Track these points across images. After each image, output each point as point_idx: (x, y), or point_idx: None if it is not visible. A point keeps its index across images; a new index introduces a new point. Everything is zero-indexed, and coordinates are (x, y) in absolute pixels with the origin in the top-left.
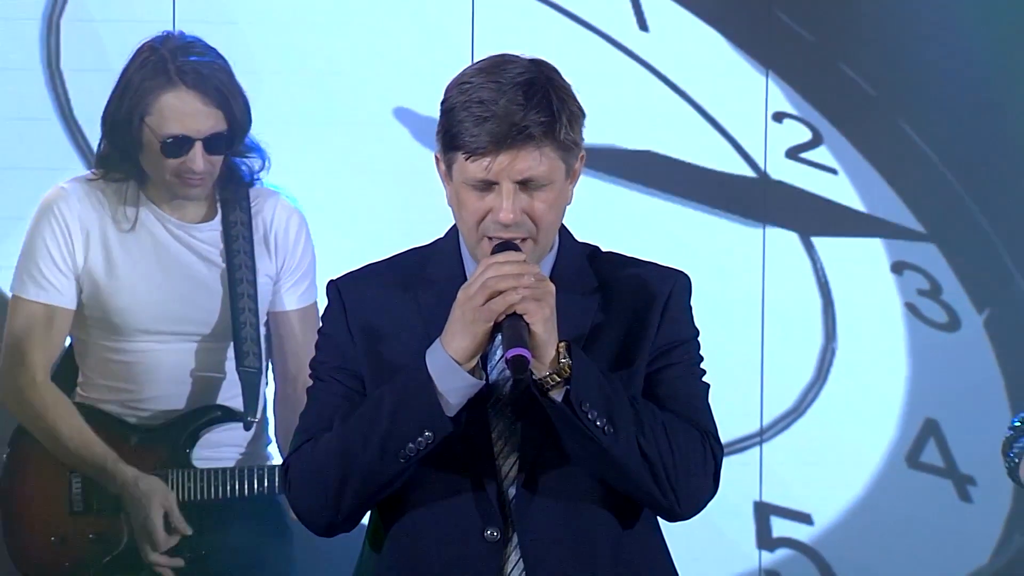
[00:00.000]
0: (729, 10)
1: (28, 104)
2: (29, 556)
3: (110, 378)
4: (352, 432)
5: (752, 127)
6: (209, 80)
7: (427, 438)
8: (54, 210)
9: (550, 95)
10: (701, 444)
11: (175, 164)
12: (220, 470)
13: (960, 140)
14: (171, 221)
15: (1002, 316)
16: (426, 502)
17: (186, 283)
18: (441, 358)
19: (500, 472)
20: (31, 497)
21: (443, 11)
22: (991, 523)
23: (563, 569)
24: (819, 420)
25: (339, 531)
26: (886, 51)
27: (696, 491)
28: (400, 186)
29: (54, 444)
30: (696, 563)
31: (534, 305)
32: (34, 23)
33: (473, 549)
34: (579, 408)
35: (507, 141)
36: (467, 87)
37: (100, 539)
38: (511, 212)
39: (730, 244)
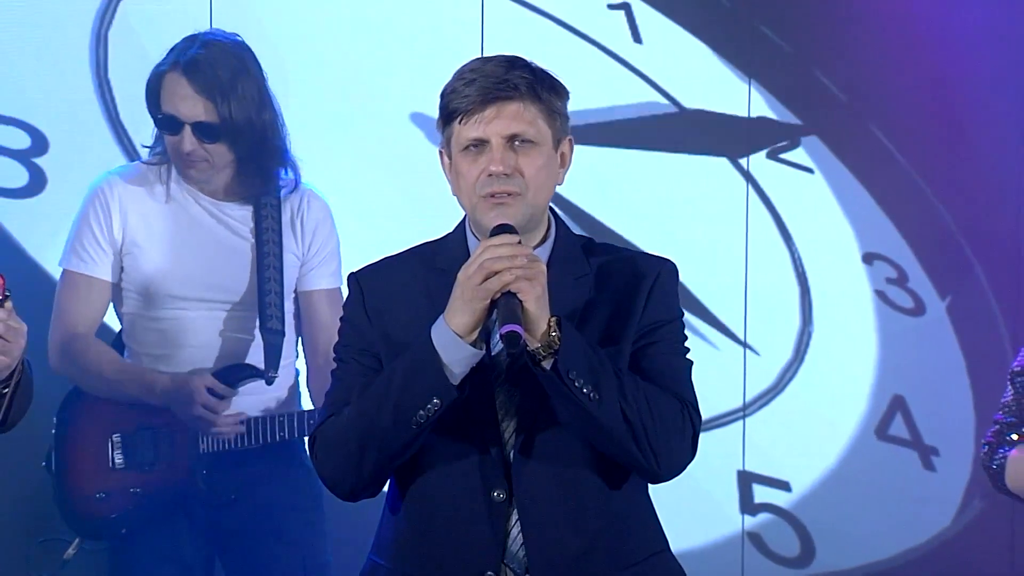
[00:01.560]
0: (715, 24)
1: (79, 109)
2: (78, 512)
3: (149, 346)
4: (368, 403)
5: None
6: (205, 72)
7: (435, 405)
8: (97, 194)
9: (530, 65)
10: (680, 413)
11: (173, 143)
12: (248, 419)
13: (924, 142)
14: (204, 199)
15: (963, 302)
16: (438, 467)
17: (217, 254)
18: (444, 332)
19: (503, 438)
20: (78, 460)
21: (455, 26)
22: (953, 490)
23: (557, 526)
24: (797, 397)
25: (362, 496)
26: (857, 61)
27: (674, 455)
28: (415, 183)
29: (98, 381)
30: (685, 526)
31: (526, 284)
32: (85, 36)
33: (481, 509)
34: (566, 376)
35: (492, 94)
36: (459, 71)
37: (141, 492)
38: (500, 163)
39: (717, 238)
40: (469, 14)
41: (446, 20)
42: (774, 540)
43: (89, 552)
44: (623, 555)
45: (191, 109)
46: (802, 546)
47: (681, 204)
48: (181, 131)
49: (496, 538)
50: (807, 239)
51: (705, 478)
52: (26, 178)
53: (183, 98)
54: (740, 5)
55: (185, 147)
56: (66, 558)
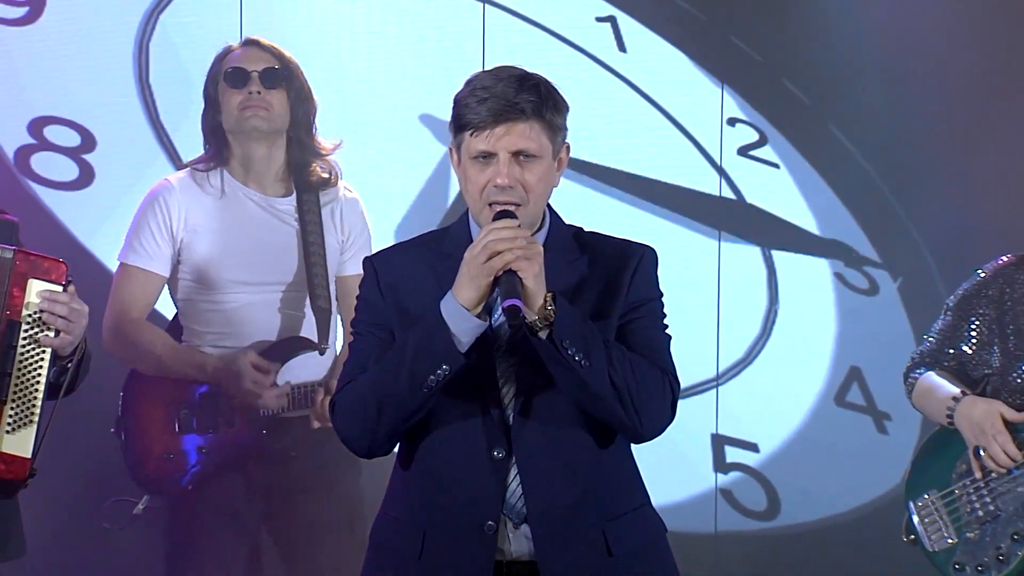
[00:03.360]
0: (692, 35)
1: (124, 111)
2: (147, 471)
3: (211, 326)
4: (385, 370)
5: (710, 130)
6: (261, 42)
7: (444, 371)
8: (158, 197)
9: (539, 85)
10: (661, 379)
11: (239, 98)
12: (300, 386)
13: (878, 140)
14: (254, 195)
15: (912, 283)
16: (444, 429)
17: (269, 242)
18: (452, 306)
19: (503, 402)
20: (145, 425)
21: (460, 37)
22: (903, 451)
23: (552, 481)
24: (764, 368)
25: (377, 454)
26: (819, 69)
27: (656, 417)
28: (423, 177)
29: (152, 360)
30: (665, 483)
31: (525, 263)
32: (128, 46)
33: (483, 465)
34: (561, 345)
35: (503, 115)
36: (472, 83)
37: (205, 452)
38: (507, 177)
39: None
40: (472, 27)
41: (452, 32)
42: (744, 496)
43: (155, 508)
44: (610, 507)
45: (256, 62)
46: (769, 501)
47: (663, 197)
48: (248, 80)
49: (497, 492)
50: (774, 227)
51: (682, 440)
52: (76, 173)
53: (248, 56)
54: (714, 18)
55: (252, 88)
56: (135, 513)
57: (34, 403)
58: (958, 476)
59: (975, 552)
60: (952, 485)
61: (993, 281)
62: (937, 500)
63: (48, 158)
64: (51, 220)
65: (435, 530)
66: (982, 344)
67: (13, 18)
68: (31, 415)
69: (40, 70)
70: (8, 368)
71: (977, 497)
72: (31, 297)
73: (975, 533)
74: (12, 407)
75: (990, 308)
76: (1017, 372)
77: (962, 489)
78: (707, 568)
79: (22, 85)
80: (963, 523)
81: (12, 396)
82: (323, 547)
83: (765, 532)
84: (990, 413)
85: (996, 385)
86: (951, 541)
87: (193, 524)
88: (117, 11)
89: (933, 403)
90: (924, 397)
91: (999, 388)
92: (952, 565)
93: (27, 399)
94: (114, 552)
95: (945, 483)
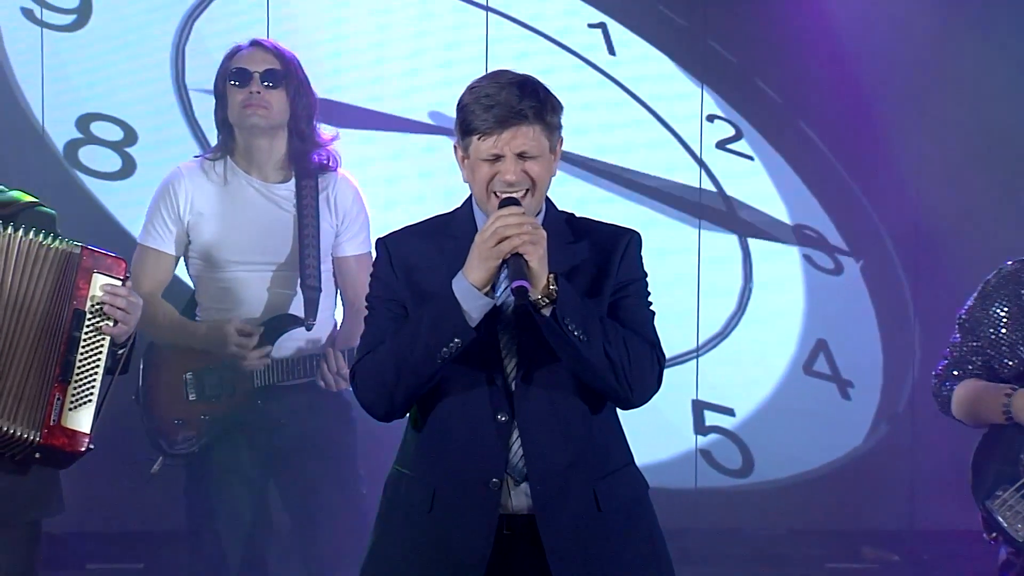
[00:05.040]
0: (675, 40)
1: (162, 108)
2: (161, 433)
3: (214, 300)
4: (402, 341)
5: (691, 125)
6: (265, 43)
7: (456, 343)
8: (168, 183)
9: (538, 90)
10: (650, 353)
11: (241, 96)
12: (290, 358)
13: (841, 134)
14: (255, 182)
15: (873, 264)
16: (453, 395)
17: (266, 226)
18: (463, 285)
19: (506, 371)
20: (159, 392)
21: (464, 41)
22: (864, 415)
23: (550, 444)
24: (740, 340)
25: (393, 418)
26: (789, 70)
27: (645, 386)
28: (431, 168)
29: (158, 330)
30: (649, 444)
31: (531, 247)
32: (166, 49)
33: (488, 428)
34: (562, 322)
35: (508, 121)
36: (475, 89)
37: (209, 418)
38: (513, 174)
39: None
40: (475, 32)
41: (457, 37)
42: (721, 455)
43: (170, 467)
44: (600, 466)
45: (259, 62)
46: (744, 460)
47: (650, 188)
48: (250, 80)
49: (500, 452)
50: (749, 213)
51: (665, 406)
52: (119, 164)
53: (251, 57)
54: (695, 25)
55: (253, 88)
56: (152, 472)
57: (93, 384)
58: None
59: None
60: (1023, 477)
61: (1006, 286)
62: (1012, 494)
63: (94, 151)
64: (96, 206)
65: (444, 486)
66: (1008, 341)
67: (63, 25)
68: (90, 395)
69: (87, 71)
70: (73, 354)
71: None
72: (95, 290)
73: None
74: (74, 387)
75: (1008, 307)
76: None
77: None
78: (688, 521)
79: (71, 85)
80: None
81: (75, 378)
82: (322, 500)
83: (740, 488)
84: None
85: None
86: None
87: (206, 482)
88: (156, 18)
89: (983, 406)
90: (969, 404)
91: None
92: None
93: (87, 381)
94: (138, 506)
95: (1015, 477)
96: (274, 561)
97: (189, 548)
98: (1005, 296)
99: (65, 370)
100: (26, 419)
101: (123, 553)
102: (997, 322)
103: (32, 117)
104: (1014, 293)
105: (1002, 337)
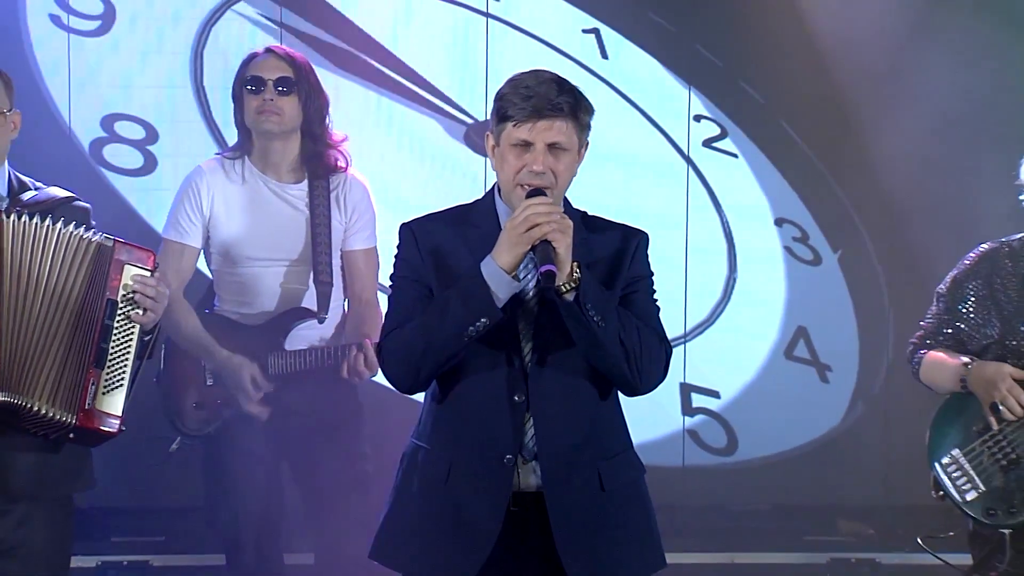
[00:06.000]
0: (664, 44)
1: (182, 109)
2: (180, 415)
3: (231, 294)
4: (431, 319)
5: (679, 125)
6: (278, 51)
7: (483, 323)
8: (191, 180)
9: (574, 90)
10: (659, 344)
11: (256, 103)
12: (302, 350)
13: (821, 133)
14: (272, 182)
15: (850, 255)
16: (473, 375)
17: (280, 223)
18: (492, 268)
19: (523, 354)
20: (180, 377)
21: (466, 46)
22: (841, 397)
23: (561, 425)
24: (725, 327)
25: (416, 391)
26: (771, 73)
27: (653, 375)
28: (435, 166)
29: (177, 333)
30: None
31: (559, 235)
32: (186, 53)
33: (504, 407)
34: (584, 307)
35: (545, 112)
36: (515, 81)
37: (226, 402)
38: (542, 164)
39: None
40: (476, 37)
41: (459, 42)
42: (707, 435)
43: (188, 447)
44: (604, 448)
45: (272, 70)
46: (728, 439)
47: (639, 181)
48: (264, 87)
49: (515, 430)
50: (733, 207)
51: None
52: (141, 161)
53: (264, 65)
54: (683, 31)
55: (267, 95)
56: (171, 451)
57: (124, 369)
58: (977, 433)
59: (1004, 496)
60: (972, 442)
61: (980, 265)
62: (961, 457)
63: (118, 149)
64: (120, 200)
65: (460, 460)
66: (978, 319)
67: (89, 30)
68: (121, 379)
69: (111, 74)
70: (107, 341)
71: (998, 449)
72: (126, 280)
73: (1001, 480)
74: (107, 373)
75: (982, 287)
76: (1014, 338)
77: (982, 444)
78: (676, 497)
79: (96, 87)
80: (988, 473)
81: (108, 364)
82: (330, 478)
83: (725, 466)
84: (1000, 372)
85: (997, 351)
86: (980, 491)
87: (223, 461)
88: (175, 24)
89: (944, 374)
90: (933, 371)
91: (1001, 354)
92: (986, 512)
93: (119, 366)
94: (159, 483)
95: (966, 441)
96: (286, 534)
97: (206, 522)
98: (978, 276)
99: (99, 357)
100: (63, 403)
101: (145, 526)
102: (968, 300)
103: (60, 117)
104: (986, 273)
105: (971, 313)
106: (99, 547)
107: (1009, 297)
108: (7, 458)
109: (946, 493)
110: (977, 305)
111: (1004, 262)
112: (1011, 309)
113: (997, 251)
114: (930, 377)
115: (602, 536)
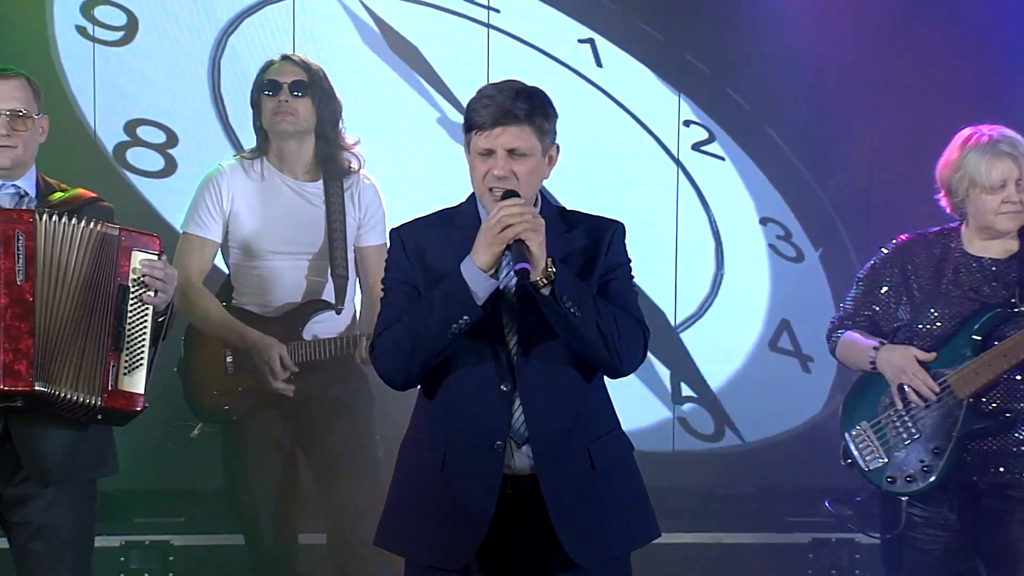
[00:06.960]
0: (655, 53)
1: (200, 114)
2: (202, 403)
3: (251, 287)
4: (417, 318)
5: (669, 129)
6: (294, 57)
7: (465, 320)
8: (212, 179)
9: (532, 96)
10: (637, 327)
11: (272, 105)
12: (321, 339)
13: (802, 137)
14: (288, 179)
15: (831, 253)
16: (461, 367)
17: (299, 219)
18: (471, 268)
19: (508, 345)
20: (201, 366)
21: (468, 54)
22: (822, 386)
23: (549, 410)
24: (713, 320)
25: (409, 386)
26: (756, 80)
27: (633, 357)
28: (438, 168)
29: (205, 322)
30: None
31: (532, 234)
32: (204, 61)
33: (493, 396)
34: (560, 300)
35: (501, 120)
36: (480, 92)
37: (246, 390)
38: (502, 169)
39: (656, 207)
40: (478, 47)
41: (462, 50)
42: (696, 422)
43: (208, 433)
44: (592, 430)
45: (288, 74)
46: (716, 426)
47: (631, 182)
48: (279, 90)
49: (504, 417)
50: (720, 207)
51: (647, 378)
52: (162, 164)
53: (281, 70)
54: (672, 40)
55: (282, 97)
56: (192, 437)
57: (142, 349)
58: (883, 408)
59: (902, 467)
60: (879, 416)
61: (896, 255)
62: (868, 428)
63: (140, 152)
64: (142, 201)
65: (454, 448)
66: (891, 304)
67: (112, 40)
68: (140, 359)
69: (133, 82)
70: (122, 325)
71: (900, 423)
72: (134, 264)
73: (902, 452)
74: (126, 354)
75: (896, 275)
76: (922, 322)
77: (887, 418)
78: (666, 480)
79: (119, 94)
80: (891, 445)
81: (126, 346)
82: (343, 463)
83: (712, 451)
84: (906, 356)
85: (907, 334)
86: (883, 460)
87: (241, 447)
88: (194, 34)
89: (856, 354)
90: (846, 351)
91: (910, 336)
92: (885, 479)
93: (137, 347)
94: (181, 467)
95: (873, 415)
96: (300, 517)
97: (225, 504)
98: (895, 263)
99: (117, 339)
100: (87, 387)
101: (166, 508)
102: (883, 285)
103: (85, 122)
104: (901, 262)
105: (885, 298)
106: (123, 527)
107: (920, 284)
108: (39, 446)
109: (853, 461)
110: (891, 290)
111: (919, 252)
112: (921, 296)
113: (914, 242)
114: (844, 356)
115: (596, 512)
